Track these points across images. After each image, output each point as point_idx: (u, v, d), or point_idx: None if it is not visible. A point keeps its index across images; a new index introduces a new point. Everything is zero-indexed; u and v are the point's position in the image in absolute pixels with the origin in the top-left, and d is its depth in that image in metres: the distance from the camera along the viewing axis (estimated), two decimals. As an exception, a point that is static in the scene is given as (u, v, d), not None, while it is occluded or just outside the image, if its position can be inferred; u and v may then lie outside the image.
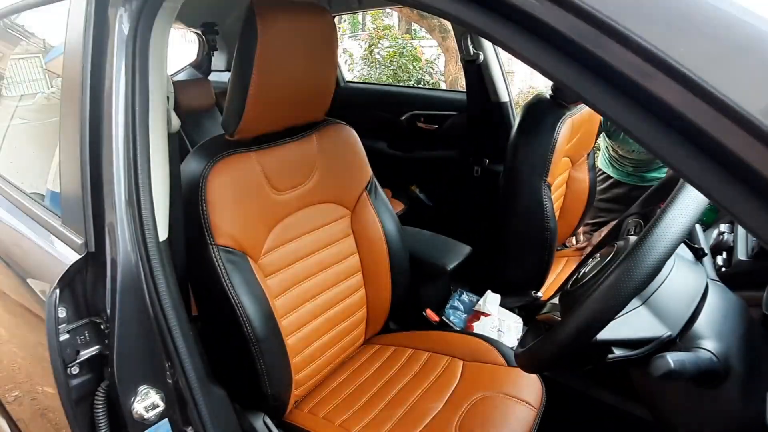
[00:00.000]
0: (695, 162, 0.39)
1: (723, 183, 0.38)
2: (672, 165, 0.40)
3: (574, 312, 0.60)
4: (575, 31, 0.41)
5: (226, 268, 0.94)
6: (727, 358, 0.61)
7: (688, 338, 0.63)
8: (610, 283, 0.57)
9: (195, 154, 0.98)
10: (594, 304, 0.58)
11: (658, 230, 0.57)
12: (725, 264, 0.94)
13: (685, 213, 0.58)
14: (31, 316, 0.95)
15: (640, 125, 0.41)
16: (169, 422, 0.83)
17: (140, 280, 0.78)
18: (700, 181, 0.39)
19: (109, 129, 0.78)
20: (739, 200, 0.38)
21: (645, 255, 0.56)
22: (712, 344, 0.61)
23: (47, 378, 0.77)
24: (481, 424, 1.02)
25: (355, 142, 1.23)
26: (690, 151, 0.39)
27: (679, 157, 0.39)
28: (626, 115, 0.41)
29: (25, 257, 0.98)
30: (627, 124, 0.41)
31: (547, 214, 1.40)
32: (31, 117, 1.22)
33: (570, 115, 1.44)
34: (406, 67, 6.01)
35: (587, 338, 0.59)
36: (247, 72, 0.91)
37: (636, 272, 0.56)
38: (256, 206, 1.02)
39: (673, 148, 0.39)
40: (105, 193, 0.78)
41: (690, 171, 0.39)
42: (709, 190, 0.39)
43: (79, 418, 0.80)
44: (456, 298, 1.48)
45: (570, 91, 0.43)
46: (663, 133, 0.40)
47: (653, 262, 0.56)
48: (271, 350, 0.98)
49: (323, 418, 1.10)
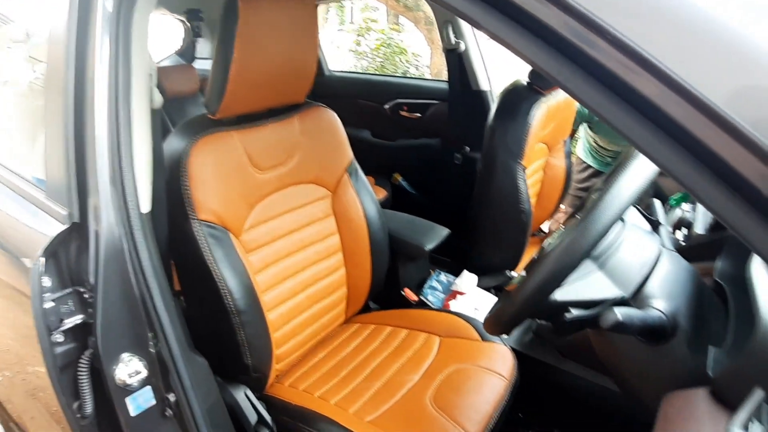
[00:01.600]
0: (663, 146, 0.41)
1: (687, 165, 0.41)
2: (638, 145, 0.43)
3: (533, 272, 0.64)
4: (557, 21, 0.44)
5: (208, 242, 0.97)
6: (675, 316, 0.66)
7: (640, 298, 0.68)
8: (565, 245, 0.62)
9: (177, 132, 1.00)
10: (550, 264, 0.62)
11: (609, 196, 0.62)
12: (685, 239, 1.00)
13: (631, 184, 0.63)
14: (22, 297, 0.96)
15: (612, 109, 0.43)
16: (152, 389, 0.85)
17: (123, 251, 0.80)
18: (666, 163, 0.42)
19: (93, 104, 0.80)
20: (698, 178, 0.40)
21: (594, 219, 0.61)
22: (661, 303, 0.66)
23: (38, 358, 0.79)
24: (455, 393, 1.06)
25: (337, 125, 1.26)
26: (662, 138, 0.41)
27: (644, 138, 0.42)
28: (594, 94, 0.44)
29: (13, 236, 1.00)
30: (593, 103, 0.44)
31: (522, 197, 1.44)
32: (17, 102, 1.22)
33: (545, 101, 1.48)
34: (392, 60, 6.03)
35: (544, 295, 0.63)
36: (229, 52, 0.93)
37: (585, 234, 0.61)
38: (238, 184, 1.04)
39: (637, 128, 0.42)
40: (89, 166, 0.80)
41: (659, 155, 0.42)
42: (672, 171, 0.42)
43: (63, 384, 0.82)
44: (434, 278, 1.52)
45: (547, 76, 0.46)
46: (632, 117, 0.42)
47: (601, 226, 0.61)
48: (252, 322, 1.01)
49: (303, 391, 1.14)
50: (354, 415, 1.04)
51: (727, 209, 0.39)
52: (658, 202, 0.87)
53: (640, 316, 0.62)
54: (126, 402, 0.82)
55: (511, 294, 0.68)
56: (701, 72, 0.39)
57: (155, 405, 0.86)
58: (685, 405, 0.59)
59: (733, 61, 0.39)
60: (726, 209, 0.39)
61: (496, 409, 1.04)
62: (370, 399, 1.09)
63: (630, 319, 0.60)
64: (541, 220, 1.85)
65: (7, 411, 1.34)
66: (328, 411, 1.04)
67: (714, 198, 0.40)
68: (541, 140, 1.58)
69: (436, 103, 2.26)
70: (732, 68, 0.39)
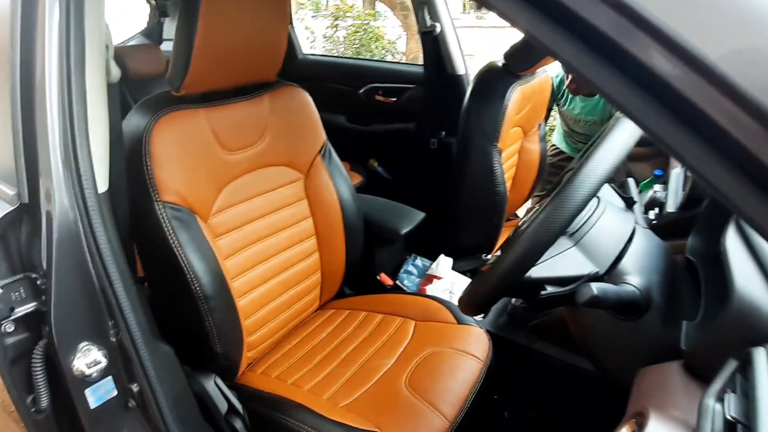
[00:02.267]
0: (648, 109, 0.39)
1: (675, 129, 0.38)
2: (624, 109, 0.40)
3: (508, 250, 0.63)
4: None
5: (173, 225, 0.92)
6: (648, 291, 0.65)
7: (614, 274, 0.68)
8: (540, 221, 0.60)
9: (138, 109, 0.95)
10: (525, 241, 0.61)
11: (583, 172, 0.61)
12: (656, 218, 1.00)
13: (604, 160, 0.62)
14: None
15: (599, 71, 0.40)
16: (113, 379, 0.81)
17: (78, 234, 0.75)
18: (651, 126, 0.39)
19: (42, 75, 0.74)
20: (684, 141, 0.38)
21: (569, 195, 0.59)
22: (635, 279, 0.66)
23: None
24: (430, 376, 1.05)
25: (309, 105, 1.22)
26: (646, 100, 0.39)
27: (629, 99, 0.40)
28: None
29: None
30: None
31: (497, 179, 1.44)
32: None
33: (520, 84, 1.47)
34: (368, 46, 5.97)
35: (520, 273, 0.62)
36: (193, 23, 0.88)
37: (561, 210, 0.59)
38: (205, 164, 1.00)
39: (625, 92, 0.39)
40: (39, 143, 0.74)
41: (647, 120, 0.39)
42: (654, 134, 0.39)
43: (15, 378, 0.77)
44: (410, 263, 1.51)
45: (541, 46, 0.42)
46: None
47: (576, 201, 0.59)
48: (220, 309, 0.97)
49: (276, 378, 1.11)
50: (327, 401, 1.02)
51: (718, 175, 0.37)
52: (632, 180, 0.87)
53: (614, 291, 0.61)
54: (85, 394, 0.79)
55: (485, 273, 0.66)
56: (699, 29, 0.36)
57: (117, 396, 0.82)
58: (659, 378, 0.58)
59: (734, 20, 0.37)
60: (717, 175, 0.37)
61: (471, 391, 1.04)
62: (345, 384, 1.07)
63: (605, 294, 0.60)
64: (517, 205, 1.86)
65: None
66: (301, 397, 1.01)
67: (703, 162, 0.38)
68: (516, 124, 1.57)
69: (411, 87, 2.23)
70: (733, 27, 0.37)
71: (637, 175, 1.84)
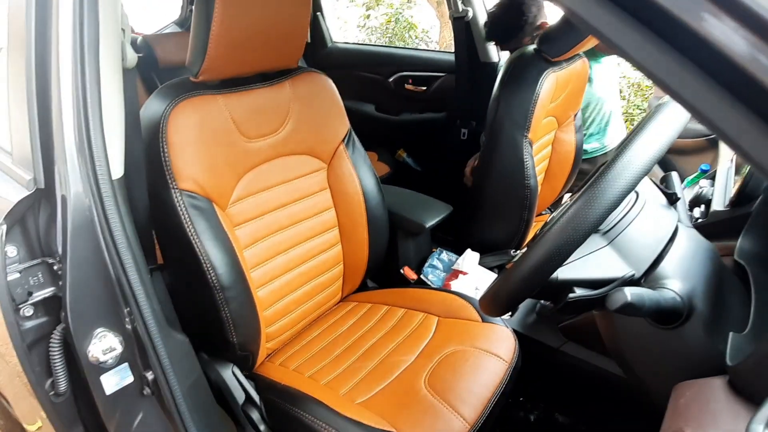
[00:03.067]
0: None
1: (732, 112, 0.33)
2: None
3: (533, 247, 0.58)
4: None
5: (190, 213, 0.91)
6: (690, 297, 0.59)
7: (652, 278, 0.61)
8: (569, 217, 0.55)
9: (156, 95, 0.93)
10: (551, 239, 0.55)
11: (619, 164, 0.55)
12: (702, 216, 0.92)
13: (645, 150, 0.55)
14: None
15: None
16: (129, 366, 0.81)
17: (93, 220, 0.74)
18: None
19: (56, 62, 0.73)
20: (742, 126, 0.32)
21: (603, 188, 0.54)
22: (676, 284, 0.59)
23: None
24: (451, 375, 1.01)
25: (332, 92, 1.19)
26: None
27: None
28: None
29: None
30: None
31: (528, 172, 1.37)
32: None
33: (554, 70, 1.39)
34: (401, 35, 5.89)
35: (545, 274, 0.57)
36: (210, 7, 0.86)
37: (594, 206, 0.54)
38: (223, 152, 0.98)
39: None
40: (53, 128, 0.74)
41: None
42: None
43: (34, 361, 0.78)
44: (435, 257, 1.46)
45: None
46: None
47: (611, 196, 0.53)
48: (237, 299, 0.96)
49: (294, 371, 1.09)
50: (344, 396, 1.00)
51: None
52: (676, 174, 0.79)
53: (652, 297, 0.55)
54: (101, 380, 0.78)
55: (508, 272, 0.61)
56: None
57: (133, 383, 0.82)
58: (700, 395, 0.52)
59: None
60: None
61: (494, 393, 0.99)
62: (362, 380, 1.04)
63: (641, 301, 0.54)
64: (549, 199, 1.77)
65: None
66: (318, 392, 0.99)
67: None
68: (550, 113, 1.49)
69: (442, 75, 2.17)
70: None
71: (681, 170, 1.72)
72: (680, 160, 1.82)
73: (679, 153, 1.80)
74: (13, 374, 1.09)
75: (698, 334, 0.58)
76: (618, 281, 0.61)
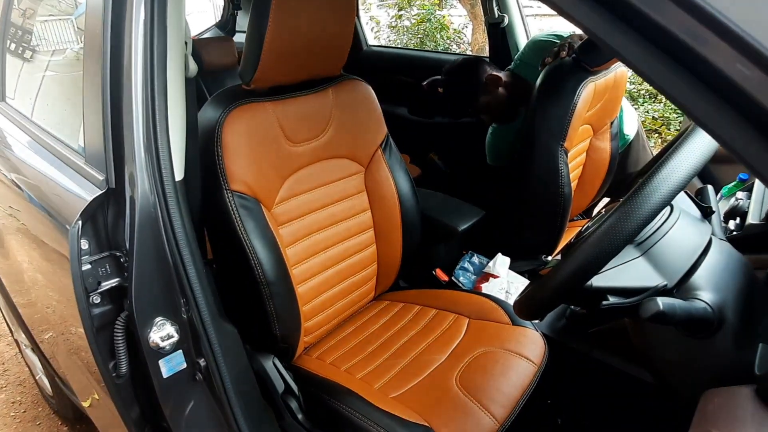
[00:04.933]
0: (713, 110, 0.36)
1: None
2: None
3: (570, 256, 0.61)
4: None
5: (239, 213, 0.98)
6: (722, 309, 0.61)
7: (684, 289, 0.64)
8: (605, 228, 0.58)
9: (212, 102, 1.00)
10: (588, 248, 0.59)
11: (655, 180, 0.57)
12: (737, 228, 0.93)
13: (681, 167, 0.58)
14: (67, 262, 1.00)
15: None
16: (183, 353, 0.88)
17: (157, 218, 0.81)
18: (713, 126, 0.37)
19: (129, 71, 0.80)
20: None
21: (639, 202, 0.57)
22: (708, 295, 0.62)
23: (78, 319, 0.82)
24: (481, 375, 1.05)
25: (372, 99, 1.24)
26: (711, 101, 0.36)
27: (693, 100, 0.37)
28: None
29: (58, 202, 1.03)
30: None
31: (563, 180, 1.38)
32: (62, 71, 1.26)
33: (593, 80, 1.40)
34: (433, 36, 5.90)
35: (580, 282, 0.60)
36: (263, 22, 0.92)
37: (630, 218, 0.57)
38: (271, 155, 1.04)
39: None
40: (125, 133, 0.81)
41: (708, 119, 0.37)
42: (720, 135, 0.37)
43: (100, 345, 0.85)
44: (466, 260, 1.49)
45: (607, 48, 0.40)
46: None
47: (647, 211, 0.56)
48: (281, 294, 1.02)
49: (330, 364, 1.15)
50: (379, 390, 1.05)
51: None
52: (712, 188, 0.81)
53: (683, 307, 0.58)
54: (159, 364, 0.85)
55: (545, 278, 0.65)
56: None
57: (186, 368, 0.88)
58: (727, 403, 0.55)
59: None
60: None
61: (523, 394, 1.02)
62: (396, 376, 1.09)
63: (672, 310, 0.56)
64: (582, 206, 1.78)
65: (52, 366, 1.43)
66: (354, 385, 1.05)
67: None
68: (586, 121, 1.50)
69: (475, 80, 2.18)
70: None
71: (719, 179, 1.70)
72: (719, 169, 1.79)
73: (718, 161, 1.78)
74: (71, 352, 1.18)
75: (728, 344, 0.61)
76: (650, 291, 0.63)
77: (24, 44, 1.39)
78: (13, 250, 1.31)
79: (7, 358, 2.02)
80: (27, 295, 1.34)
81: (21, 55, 1.40)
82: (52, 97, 1.25)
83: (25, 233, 1.18)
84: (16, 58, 1.41)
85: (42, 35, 1.33)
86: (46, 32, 1.32)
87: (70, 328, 1.14)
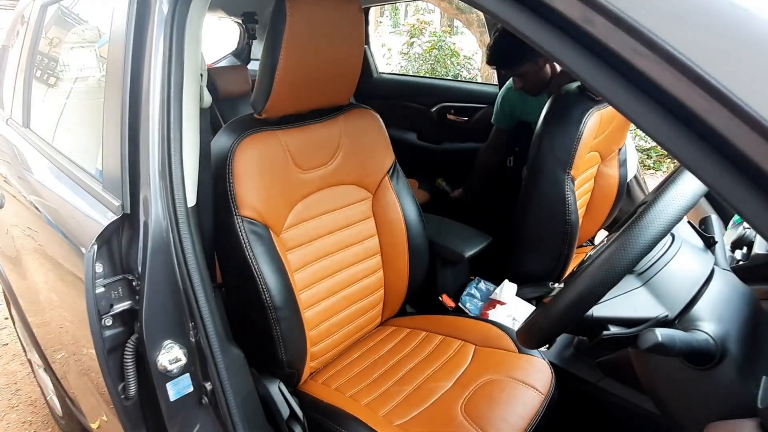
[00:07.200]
0: (696, 150, 0.38)
1: (722, 172, 0.38)
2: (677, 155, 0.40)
3: (570, 285, 0.62)
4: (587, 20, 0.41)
5: (249, 238, 1.00)
6: (724, 341, 0.61)
7: (686, 320, 0.64)
8: (604, 258, 0.59)
9: (225, 130, 1.04)
10: (588, 278, 0.60)
11: (654, 209, 0.58)
12: (744, 258, 0.93)
13: (680, 198, 0.59)
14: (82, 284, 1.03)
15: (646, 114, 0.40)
16: (190, 376, 0.89)
17: (169, 243, 0.84)
18: (694, 167, 0.39)
19: (147, 102, 0.84)
20: (735, 186, 0.38)
21: (637, 233, 0.58)
22: (709, 326, 0.62)
23: (90, 341, 0.84)
24: (487, 403, 1.04)
25: (380, 127, 1.27)
26: (694, 142, 0.39)
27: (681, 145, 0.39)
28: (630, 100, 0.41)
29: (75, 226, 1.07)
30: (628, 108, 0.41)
31: (569, 208, 1.39)
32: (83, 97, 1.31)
33: (598, 108, 1.42)
34: (444, 62, 6.00)
35: (581, 311, 0.61)
36: (276, 54, 0.96)
37: (628, 249, 0.57)
38: (280, 182, 1.07)
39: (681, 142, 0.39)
40: (141, 160, 0.84)
41: (689, 159, 0.39)
42: (703, 177, 0.39)
43: (110, 366, 0.87)
44: (473, 286, 1.50)
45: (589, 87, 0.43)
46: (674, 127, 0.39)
47: (645, 241, 0.57)
48: (288, 319, 1.03)
49: (335, 390, 1.15)
50: (383, 417, 1.04)
51: None
52: (716, 217, 0.81)
53: (683, 339, 0.58)
54: (166, 387, 0.86)
55: (546, 306, 0.65)
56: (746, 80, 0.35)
57: (193, 392, 0.89)
58: (731, 437, 0.54)
59: None
60: None
61: (529, 424, 1.01)
62: (401, 403, 1.08)
63: (672, 341, 0.57)
64: (590, 232, 1.78)
65: (63, 387, 1.44)
66: (358, 411, 1.04)
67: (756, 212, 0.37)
68: (593, 149, 1.52)
69: (483, 107, 2.22)
70: None
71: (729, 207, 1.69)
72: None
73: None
74: (82, 373, 1.20)
75: (731, 376, 0.60)
76: (652, 321, 0.64)
77: (49, 71, 1.45)
78: (31, 271, 1.34)
79: (20, 377, 2.05)
80: (42, 315, 1.37)
81: (46, 81, 1.46)
82: (73, 123, 1.30)
83: (42, 254, 1.22)
84: (41, 85, 1.48)
85: (66, 62, 1.39)
86: (70, 59, 1.38)
87: (82, 349, 1.16)
